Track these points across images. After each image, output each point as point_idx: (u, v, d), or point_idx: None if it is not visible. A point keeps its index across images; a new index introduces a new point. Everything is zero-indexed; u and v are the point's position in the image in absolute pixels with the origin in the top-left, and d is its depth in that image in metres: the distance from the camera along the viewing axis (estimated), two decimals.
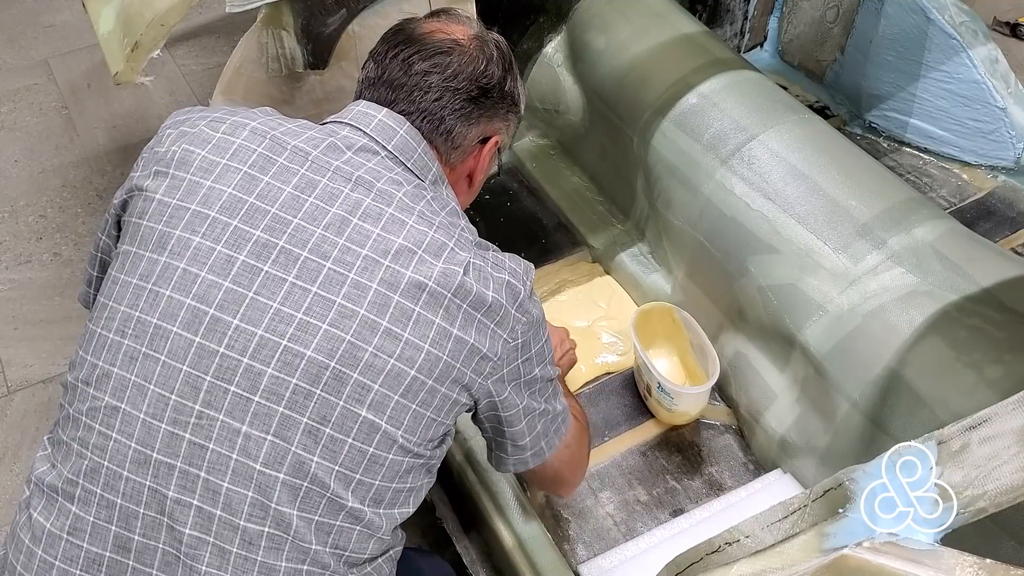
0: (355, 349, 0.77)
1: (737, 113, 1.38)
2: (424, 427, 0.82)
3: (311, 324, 0.77)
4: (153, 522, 0.77)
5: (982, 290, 1.11)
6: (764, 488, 1.25)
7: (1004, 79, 1.66)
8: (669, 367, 1.42)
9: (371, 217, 0.80)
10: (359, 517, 0.80)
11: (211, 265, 0.78)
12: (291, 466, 0.77)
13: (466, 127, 0.93)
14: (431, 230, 0.81)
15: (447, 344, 0.79)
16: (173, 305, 0.78)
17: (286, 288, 0.77)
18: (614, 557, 1.19)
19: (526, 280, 0.85)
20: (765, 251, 1.27)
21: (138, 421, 0.77)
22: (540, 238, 1.69)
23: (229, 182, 0.81)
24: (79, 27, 2.69)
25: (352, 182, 0.82)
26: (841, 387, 1.15)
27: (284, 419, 0.76)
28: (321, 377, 0.76)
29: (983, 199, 1.70)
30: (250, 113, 0.87)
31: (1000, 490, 0.54)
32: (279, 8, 1.22)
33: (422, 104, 0.90)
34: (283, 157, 0.82)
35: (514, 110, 0.99)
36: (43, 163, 2.30)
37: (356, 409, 0.77)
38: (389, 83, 0.91)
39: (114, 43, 1.28)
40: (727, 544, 0.62)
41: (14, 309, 1.93)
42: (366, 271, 0.78)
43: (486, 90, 0.92)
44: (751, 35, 2.08)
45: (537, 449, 0.95)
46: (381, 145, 0.87)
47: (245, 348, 0.76)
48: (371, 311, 0.77)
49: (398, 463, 0.81)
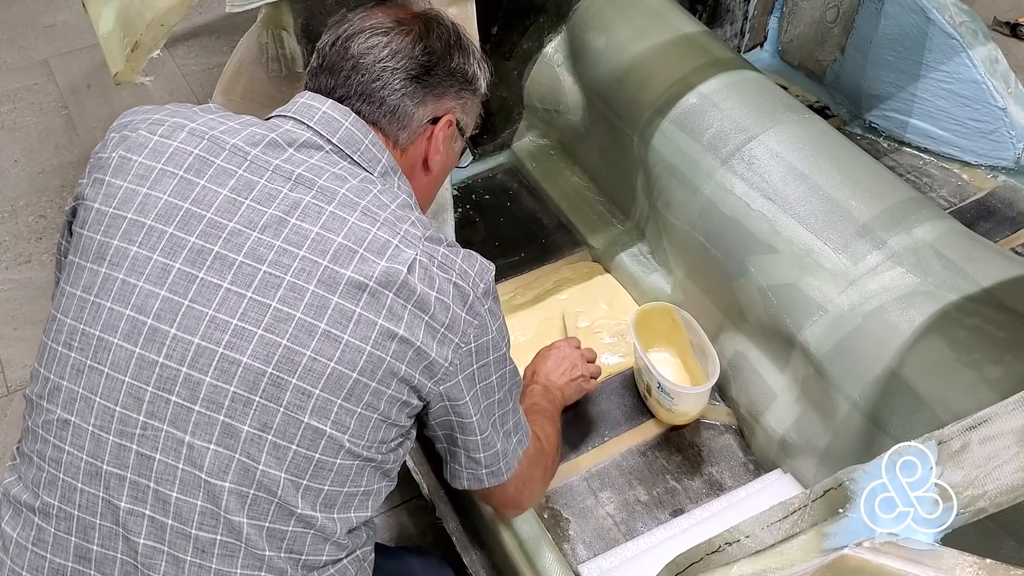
0: (292, 354, 0.75)
1: (737, 113, 1.38)
2: (372, 430, 0.80)
3: (246, 330, 0.75)
4: (110, 532, 0.78)
5: (982, 290, 1.11)
6: (764, 488, 1.25)
7: (1004, 79, 1.66)
8: (669, 367, 1.42)
9: (310, 216, 0.78)
10: (310, 523, 0.79)
11: (148, 275, 0.77)
12: (236, 474, 0.76)
13: (412, 106, 0.89)
14: (374, 227, 0.79)
15: (390, 345, 0.77)
16: (113, 317, 0.77)
17: (221, 294, 0.76)
18: (614, 557, 1.19)
19: (479, 281, 0.82)
20: (765, 251, 1.27)
21: (87, 433, 0.78)
22: (540, 238, 1.69)
23: (165, 188, 0.79)
24: (79, 27, 2.69)
25: (292, 180, 0.80)
26: (841, 387, 1.15)
27: (225, 427, 0.76)
28: (259, 384, 0.75)
29: (983, 199, 1.70)
30: (192, 112, 0.85)
31: (1000, 490, 0.54)
32: (279, 8, 1.22)
33: (359, 87, 0.87)
34: (220, 158, 0.80)
35: (468, 88, 0.95)
36: (43, 163, 2.30)
37: (298, 415, 0.76)
38: (328, 70, 0.89)
39: (114, 43, 1.28)
40: (727, 544, 0.62)
41: (14, 309, 1.93)
42: (303, 273, 0.76)
43: (428, 67, 0.89)
44: (751, 35, 2.08)
45: (495, 468, 0.92)
46: (325, 139, 0.84)
47: (183, 357, 0.76)
48: (308, 314, 0.76)
49: (347, 467, 0.80)
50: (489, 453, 0.91)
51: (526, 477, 0.99)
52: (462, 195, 1.79)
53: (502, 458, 0.92)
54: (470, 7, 1.22)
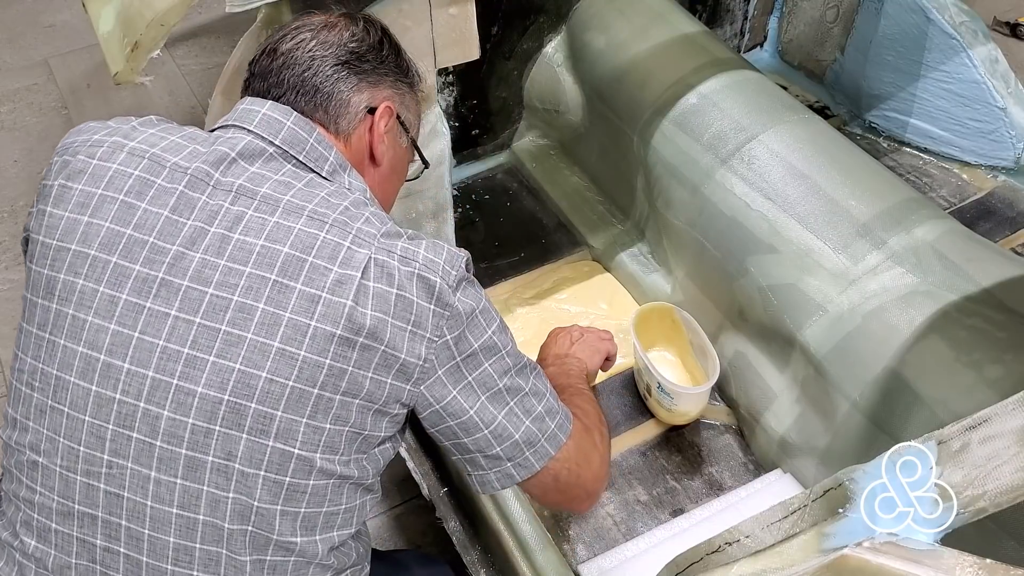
0: (247, 377, 0.72)
1: (737, 113, 1.38)
2: (347, 443, 0.77)
3: (198, 358, 0.72)
4: (87, 570, 0.77)
5: (982, 290, 1.11)
6: (764, 488, 1.25)
7: (1004, 79, 1.66)
8: (669, 367, 1.42)
9: (253, 229, 0.75)
10: (290, 548, 0.77)
11: (96, 309, 0.74)
12: (208, 507, 0.74)
13: (346, 91, 0.87)
14: (322, 231, 0.75)
15: (351, 354, 0.73)
16: (68, 355, 0.75)
17: (170, 323, 0.73)
18: (614, 557, 1.19)
19: (449, 269, 0.77)
20: (765, 251, 1.27)
21: (56, 474, 0.76)
22: (540, 238, 1.69)
23: (106, 215, 0.76)
24: (79, 27, 2.69)
25: (232, 194, 0.77)
26: (841, 387, 1.15)
27: (189, 460, 0.73)
28: (217, 413, 0.73)
29: (983, 199, 1.70)
30: (132, 130, 0.81)
31: (1000, 490, 0.54)
32: (279, 8, 1.22)
33: (292, 80, 0.85)
34: (161, 178, 0.77)
35: (404, 79, 0.93)
36: (43, 163, 2.29)
37: (262, 440, 0.73)
38: (260, 75, 0.87)
39: (114, 43, 1.28)
40: (727, 544, 0.62)
41: (14, 309, 1.93)
42: (250, 291, 0.73)
43: (358, 54, 0.87)
44: (751, 35, 2.08)
45: (521, 459, 0.84)
46: (268, 141, 0.81)
47: (140, 392, 0.73)
48: (259, 333, 0.72)
49: (322, 487, 0.77)
50: (507, 444, 0.83)
51: (579, 459, 0.89)
52: (462, 195, 1.79)
53: (527, 447, 0.84)
54: (470, 7, 1.22)
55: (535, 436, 0.84)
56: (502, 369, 0.82)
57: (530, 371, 0.85)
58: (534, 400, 0.85)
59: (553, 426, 0.86)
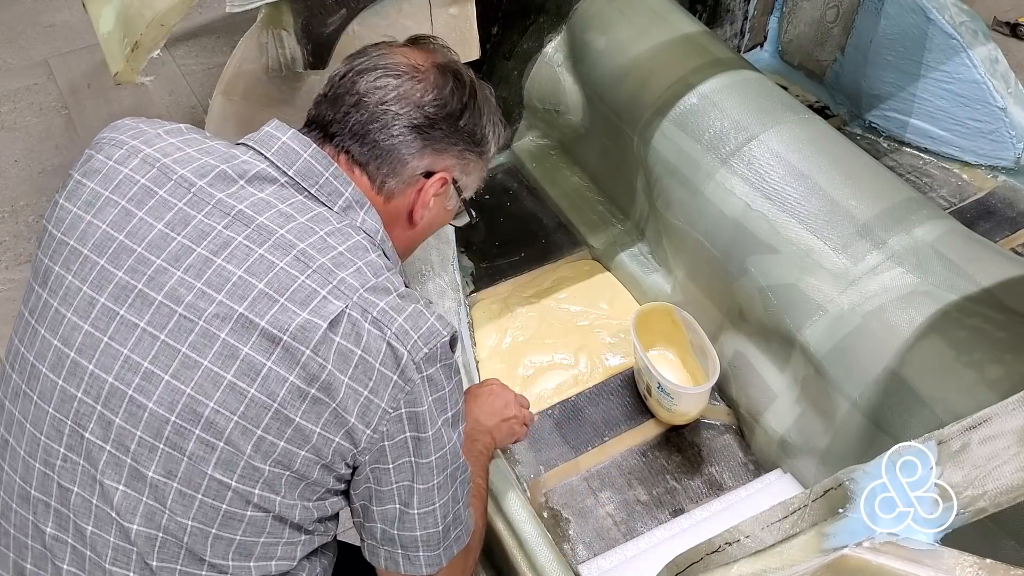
0: (195, 404, 0.72)
1: (737, 113, 1.38)
2: (287, 487, 0.75)
3: (155, 374, 0.73)
4: (40, 554, 0.78)
5: (982, 290, 1.11)
6: (764, 488, 1.25)
7: (1004, 79, 1.66)
8: (669, 367, 1.42)
9: (236, 258, 0.74)
10: (223, 570, 0.76)
11: (76, 307, 0.75)
12: (144, 517, 0.74)
13: (407, 155, 0.85)
14: (303, 274, 0.74)
15: (300, 405, 0.72)
16: (44, 345, 0.76)
17: (137, 334, 0.74)
18: (614, 557, 1.19)
19: (420, 345, 0.74)
20: (765, 251, 1.27)
21: (20, 457, 0.78)
22: (540, 238, 1.69)
23: (105, 217, 0.77)
24: (79, 27, 2.69)
25: (230, 217, 0.76)
26: (841, 387, 1.15)
27: (132, 470, 0.74)
28: (163, 432, 0.73)
29: (983, 199, 1.70)
30: (155, 137, 0.81)
31: (1000, 490, 0.54)
32: (279, 8, 1.22)
33: (356, 126, 0.84)
34: (165, 189, 0.77)
35: (473, 149, 0.90)
36: (43, 163, 2.30)
37: (201, 467, 0.73)
38: (332, 100, 0.86)
39: (114, 43, 1.28)
40: (727, 544, 0.62)
41: (14, 309, 1.93)
42: (216, 318, 0.72)
43: (434, 120, 0.85)
44: (751, 35, 2.08)
45: (414, 556, 0.82)
46: (281, 171, 0.80)
47: (99, 395, 0.74)
48: (215, 363, 0.72)
49: (260, 519, 0.76)
50: (408, 536, 0.81)
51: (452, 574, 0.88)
52: None
53: (424, 547, 0.82)
54: (470, 7, 1.22)
55: (436, 542, 0.83)
56: (442, 465, 0.80)
57: (460, 473, 0.84)
58: (451, 505, 0.83)
59: (452, 537, 0.85)
